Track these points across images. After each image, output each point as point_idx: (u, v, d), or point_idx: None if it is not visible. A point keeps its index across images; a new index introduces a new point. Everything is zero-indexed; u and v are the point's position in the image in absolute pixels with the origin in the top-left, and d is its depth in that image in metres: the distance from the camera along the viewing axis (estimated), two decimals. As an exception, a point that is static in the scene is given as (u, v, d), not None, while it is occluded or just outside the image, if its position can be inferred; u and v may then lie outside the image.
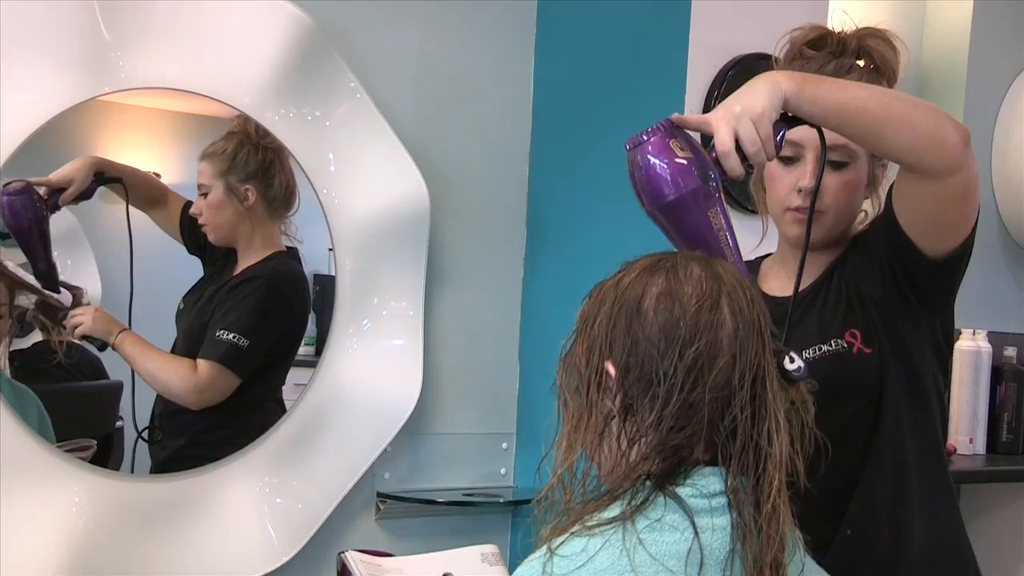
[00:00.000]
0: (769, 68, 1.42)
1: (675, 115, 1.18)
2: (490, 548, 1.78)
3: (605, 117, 2.10)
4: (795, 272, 1.41)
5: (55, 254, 1.81)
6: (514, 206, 2.27)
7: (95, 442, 1.79)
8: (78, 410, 1.87)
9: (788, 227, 1.42)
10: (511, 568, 1.61)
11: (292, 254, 2.00)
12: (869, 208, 1.47)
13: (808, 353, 1.34)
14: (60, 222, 1.81)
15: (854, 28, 1.43)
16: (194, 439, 1.91)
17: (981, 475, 2.49)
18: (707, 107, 1.94)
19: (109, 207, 1.88)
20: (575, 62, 2.20)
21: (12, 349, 1.76)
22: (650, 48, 2.01)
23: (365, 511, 2.09)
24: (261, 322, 1.92)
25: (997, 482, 2.56)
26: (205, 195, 1.91)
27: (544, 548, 0.97)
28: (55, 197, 1.78)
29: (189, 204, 1.92)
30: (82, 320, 1.80)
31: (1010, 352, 2.58)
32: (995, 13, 2.49)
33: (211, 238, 1.92)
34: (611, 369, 1.02)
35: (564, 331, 1.10)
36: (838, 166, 1.37)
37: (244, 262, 1.95)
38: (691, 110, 1.93)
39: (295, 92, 1.89)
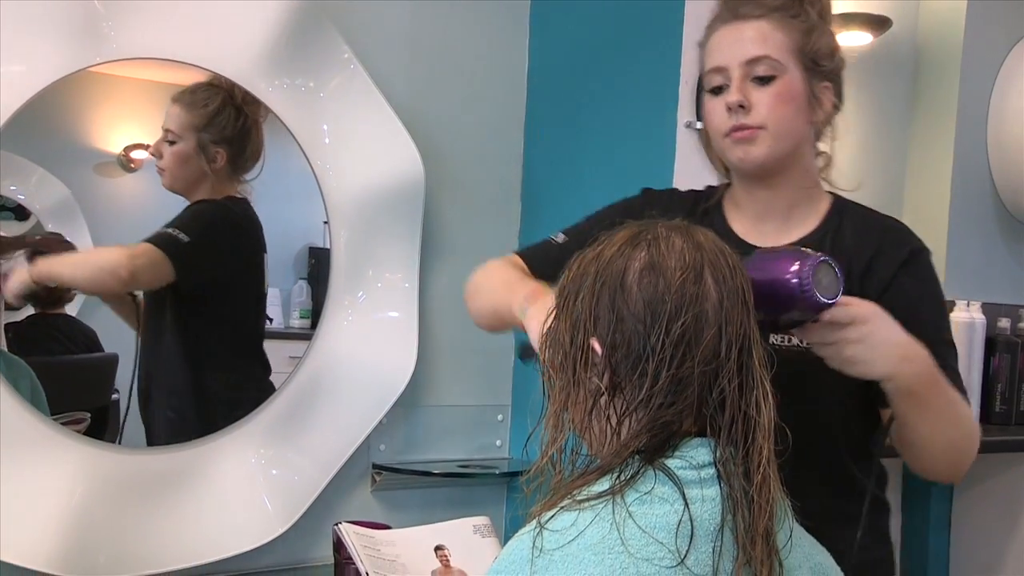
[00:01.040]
0: None
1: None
2: (482, 520, 1.78)
3: (600, 89, 2.09)
4: (755, 213, 1.38)
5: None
6: (509, 178, 2.26)
7: (89, 415, 1.80)
8: (73, 383, 1.86)
9: (732, 151, 1.33)
10: (504, 539, 1.62)
11: (244, 202, 1.94)
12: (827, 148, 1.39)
13: (775, 339, 1.25)
14: (53, 194, 1.81)
15: None
16: (184, 410, 1.91)
17: (974, 446, 2.50)
18: (702, 78, 1.93)
19: (103, 179, 1.87)
20: (570, 34, 2.19)
21: (7, 322, 1.76)
22: (646, 19, 2.00)
23: (361, 483, 2.10)
24: (205, 226, 1.87)
25: (990, 452, 2.57)
26: (172, 142, 1.85)
27: (534, 523, 0.97)
28: None
29: None
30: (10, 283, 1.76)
31: (1004, 323, 2.58)
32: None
33: (164, 182, 1.87)
34: (597, 346, 1.01)
35: (557, 304, 1.09)
36: (765, 80, 1.30)
37: None
38: (686, 81, 1.92)
39: (289, 63, 1.88)
